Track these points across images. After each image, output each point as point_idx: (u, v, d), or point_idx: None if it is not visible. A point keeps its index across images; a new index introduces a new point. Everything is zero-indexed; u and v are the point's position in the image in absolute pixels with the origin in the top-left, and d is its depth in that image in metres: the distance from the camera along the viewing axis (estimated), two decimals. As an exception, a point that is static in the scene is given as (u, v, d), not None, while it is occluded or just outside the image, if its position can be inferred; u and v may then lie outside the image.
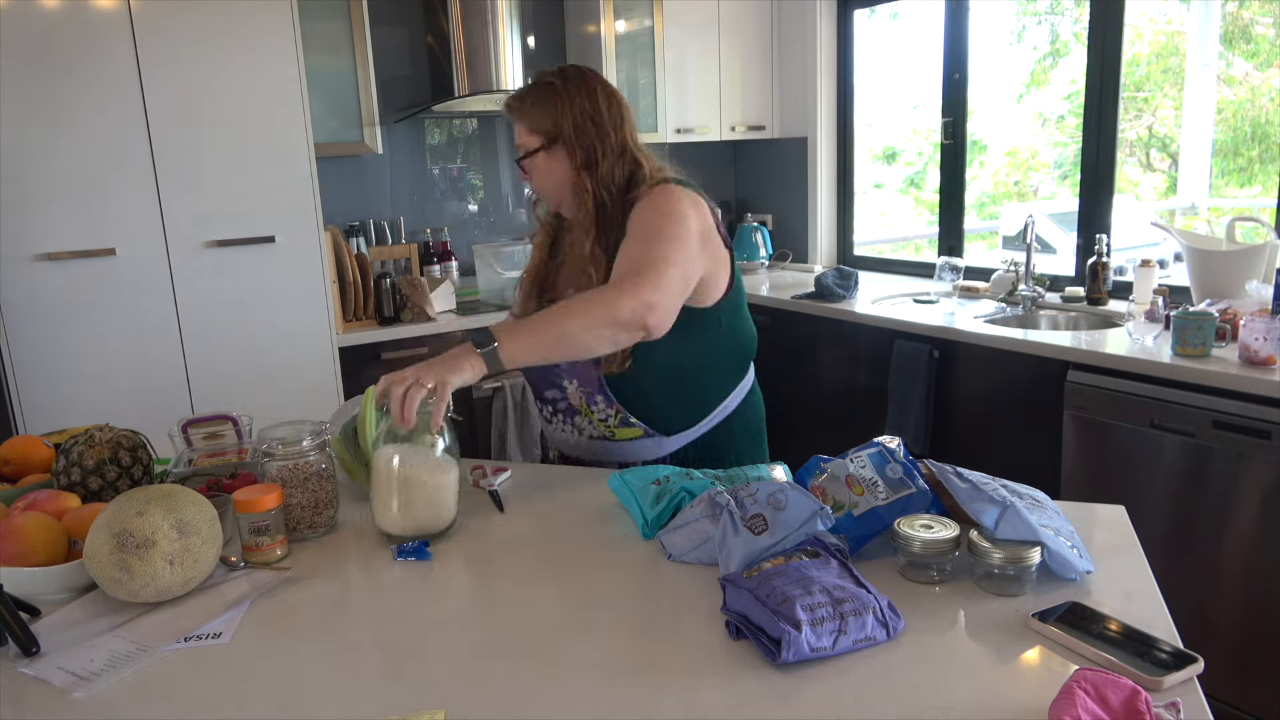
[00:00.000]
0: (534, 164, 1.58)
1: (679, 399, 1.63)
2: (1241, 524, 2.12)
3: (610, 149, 1.56)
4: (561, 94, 1.54)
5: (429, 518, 1.32)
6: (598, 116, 1.55)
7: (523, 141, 1.59)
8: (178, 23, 2.70)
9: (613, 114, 1.57)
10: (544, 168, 1.58)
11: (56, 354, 2.68)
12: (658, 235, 1.47)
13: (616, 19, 3.71)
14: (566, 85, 1.55)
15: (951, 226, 3.61)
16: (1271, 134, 3.46)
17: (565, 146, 1.55)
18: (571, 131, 1.54)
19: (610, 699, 0.92)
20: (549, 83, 1.56)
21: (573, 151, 1.55)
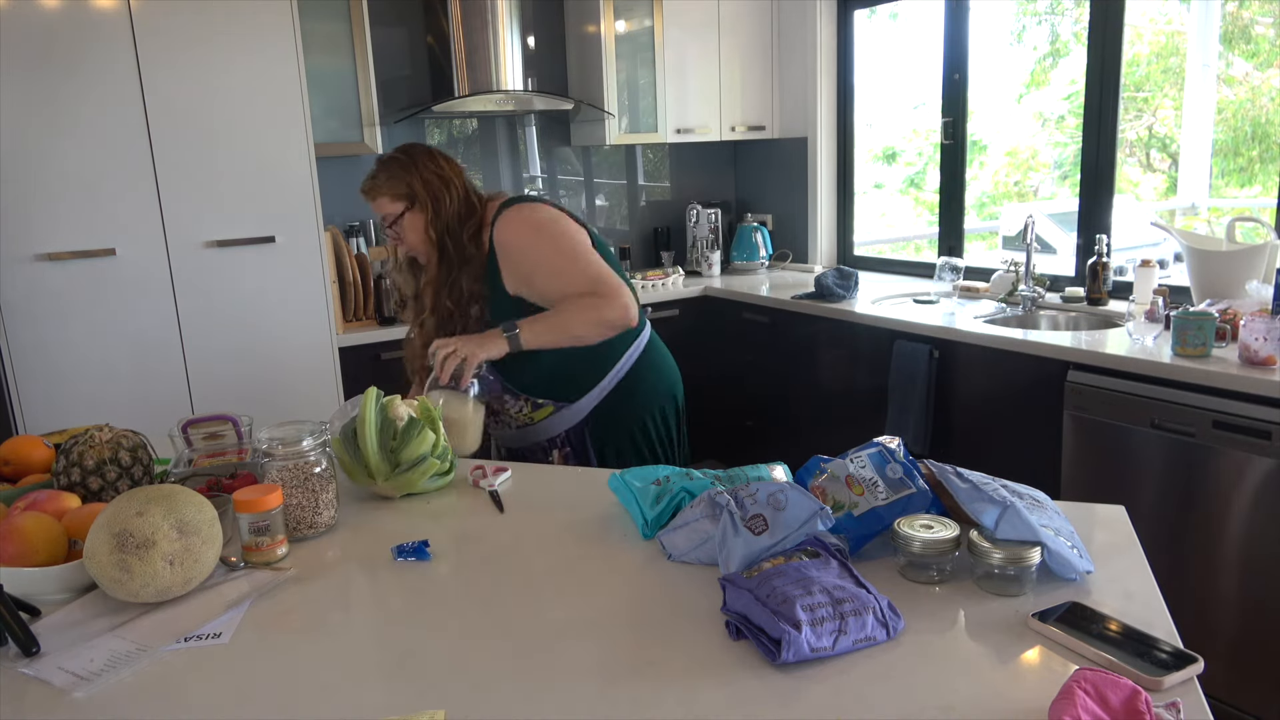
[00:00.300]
0: (403, 224, 1.90)
1: (571, 372, 1.91)
2: (1241, 524, 2.12)
3: (453, 194, 1.88)
4: (408, 163, 1.88)
5: (457, 444, 1.70)
6: (440, 171, 1.89)
7: (386, 210, 1.90)
8: (178, 23, 2.70)
9: (451, 166, 1.91)
10: (410, 227, 1.90)
11: (56, 354, 2.68)
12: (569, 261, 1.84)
13: (616, 19, 3.71)
14: (410, 155, 1.90)
15: (951, 226, 3.61)
16: (1271, 134, 3.46)
17: (419, 204, 1.88)
18: (421, 189, 1.87)
19: (610, 699, 0.92)
20: (394, 158, 1.90)
21: (424, 206, 1.87)
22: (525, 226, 1.86)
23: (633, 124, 3.83)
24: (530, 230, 1.86)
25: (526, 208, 1.89)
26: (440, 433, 1.53)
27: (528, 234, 1.86)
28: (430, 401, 1.62)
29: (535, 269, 1.86)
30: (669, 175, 4.35)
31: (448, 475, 1.56)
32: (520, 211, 1.88)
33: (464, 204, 1.89)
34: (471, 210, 1.90)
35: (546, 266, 1.85)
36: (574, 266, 1.84)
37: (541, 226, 1.86)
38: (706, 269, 4.10)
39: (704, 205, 4.23)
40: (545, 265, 1.85)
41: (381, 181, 1.88)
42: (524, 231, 1.86)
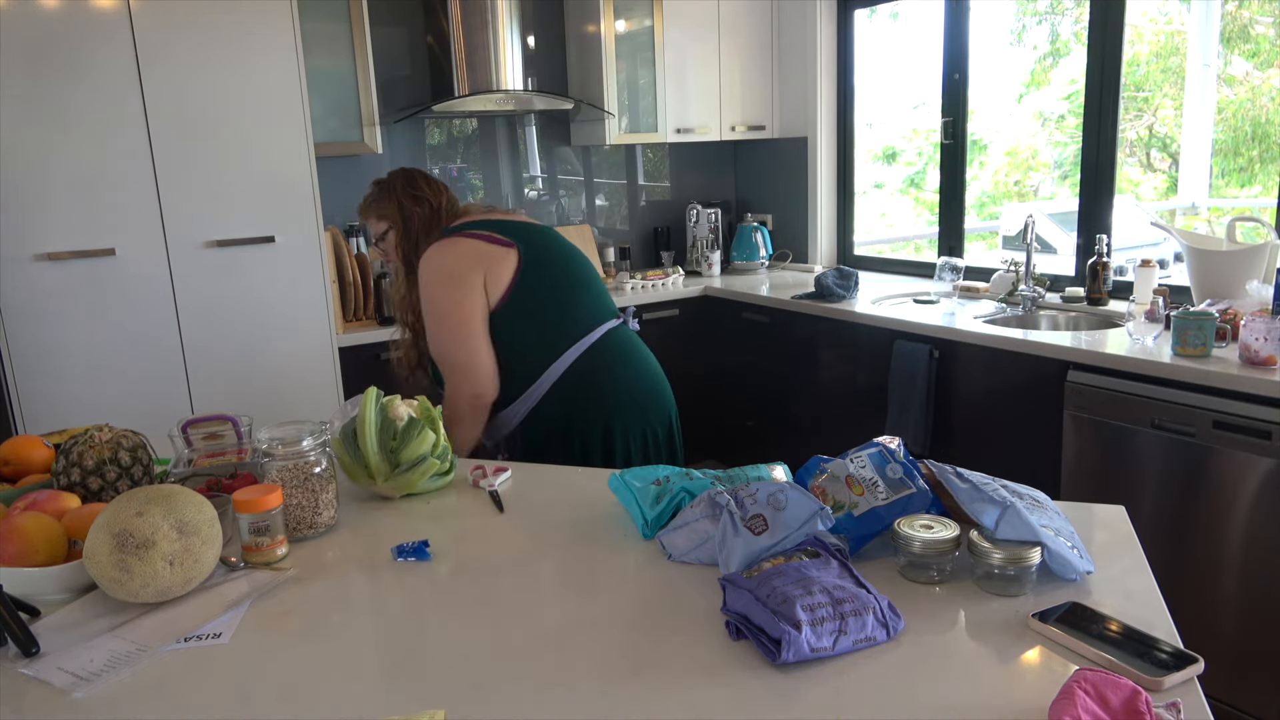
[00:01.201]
0: (387, 244, 2.05)
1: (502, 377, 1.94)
2: (1241, 524, 2.12)
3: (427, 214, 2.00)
4: (389, 185, 2.03)
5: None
6: (416, 191, 2.01)
7: (376, 230, 2.06)
8: (178, 23, 2.70)
9: (429, 186, 2.03)
10: (393, 245, 2.05)
11: (56, 354, 2.68)
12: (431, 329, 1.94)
13: (616, 19, 3.71)
14: (392, 178, 2.04)
15: (951, 226, 3.61)
16: (1271, 134, 3.46)
17: (395, 223, 2.02)
18: (396, 211, 2.01)
19: (610, 699, 0.92)
20: (379, 181, 2.06)
21: (398, 224, 2.01)
22: (426, 269, 1.93)
23: (633, 124, 3.83)
24: (426, 275, 1.93)
25: (444, 247, 1.94)
26: (440, 433, 1.54)
27: (424, 277, 1.94)
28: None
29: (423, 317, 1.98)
30: (669, 175, 4.35)
31: (448, 475, 1.56)
32: (435, 251, 1.94)
33: (431, 223, 2.00)
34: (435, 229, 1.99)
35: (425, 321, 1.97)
36: (434, 336, 1.94)
37: (429, 282, 1.92)
38: (706, 269, 4.10)
39: (704, 205, 4.23)
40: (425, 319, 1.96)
41: (368, 204, 2.05)
42: (423, 273, 1.94)
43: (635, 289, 3.73)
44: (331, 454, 1.42)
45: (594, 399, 1.93)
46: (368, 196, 2.05)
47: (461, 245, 1.93)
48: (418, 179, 2.02)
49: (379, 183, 2.05)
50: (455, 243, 1.94)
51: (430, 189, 2.02)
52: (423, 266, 1.93)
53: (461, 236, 1.94)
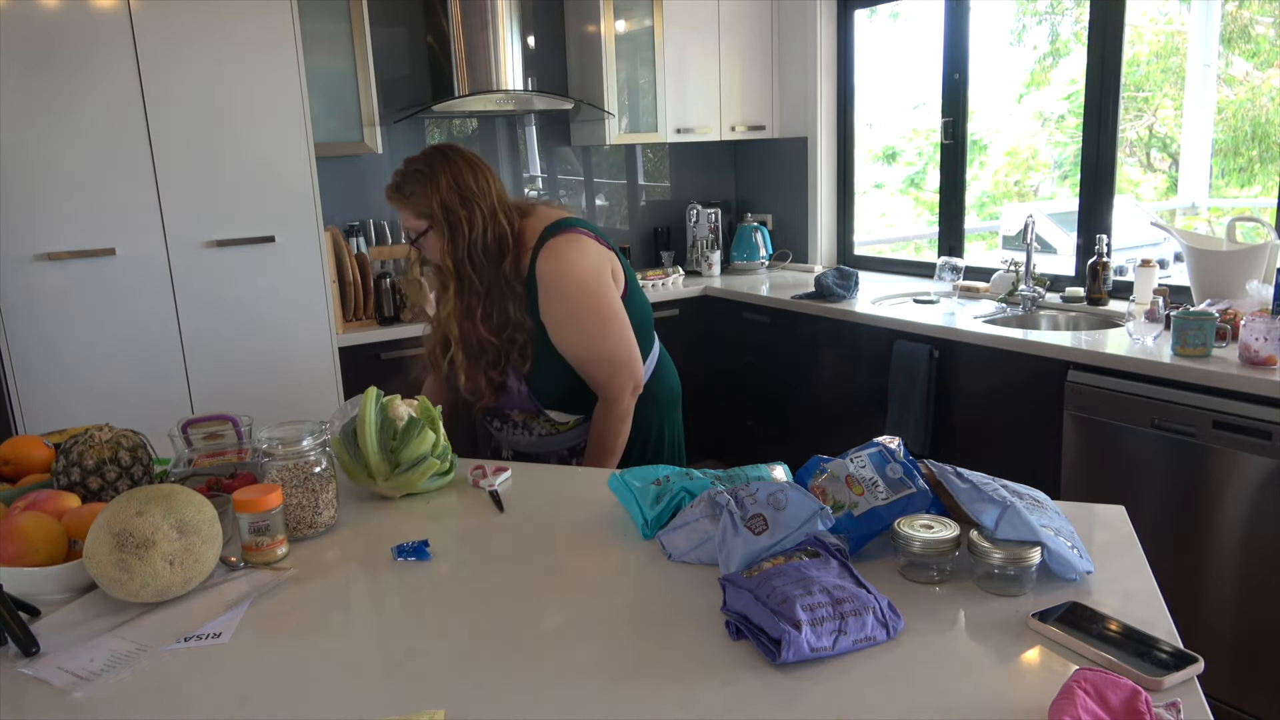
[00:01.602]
0: (425, 242, 1.79)
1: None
2: (1241, 524, 2.12)
3: (477, 219, 1.73)
4: (430, 178, 1.73)
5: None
6: (464, 191, 1.72)
7: (411, 225, 1.78)
8: (178, 23, 2.70)
9: (480, 182, 1.75)
10: (431, 244, 1.78)
11: (56, 354, 2.68)
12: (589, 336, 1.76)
13: (616, 19, 3.71)
14: (433, 168, 1.74)
15: (951, 226, 3.61)
16: (1271, 134, 3.46)
17: (437, 225, 1.74)
18: (441, 212, 1.72)
19: (610, 699, 0.92)
20: (418, 170, 1.75)
21: (441, 229, 1.74)
22: (563, 270, 1.73)
23: (633, 124, 3.83)
24: (566, 275, 1.74)
25: (574, 244, 1.74)
26: (441, 432, 1.54)
27: (562, 279, 1.74)
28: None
29: (565, 322, 1.76)
30: (669, 175, 4.35)
31: (448, 475, 1.56)
32: (568, 249, 1.74)
33: (491, 229, 1.73)
34: (501, 238, 1.75)
35: (576, 326, 1.76)
36: (602, 337, 1.76)
37: (585, 281, 1.74)
38: (706, 269, 4.10)
39: (704, 205, 4.23)
40: (575, 324, 1.76)
41: (404, 196, 1.76)
42: (558, 275, 1.74)
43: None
44: (331, 454, 1.42)
45: (661, 404, 1.95)
46: (402, 184, 1.76)
47: (589, 243, 1.77)
48: (464, 173, 1.73)
49: (415, 173, 1.75)
50: (584, 245, 1.76)
51: (479, 185, 1.73)
52: (565, 264, 1.73)
53: (580, 233, 1.77)
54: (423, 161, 1.76)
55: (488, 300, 1.76)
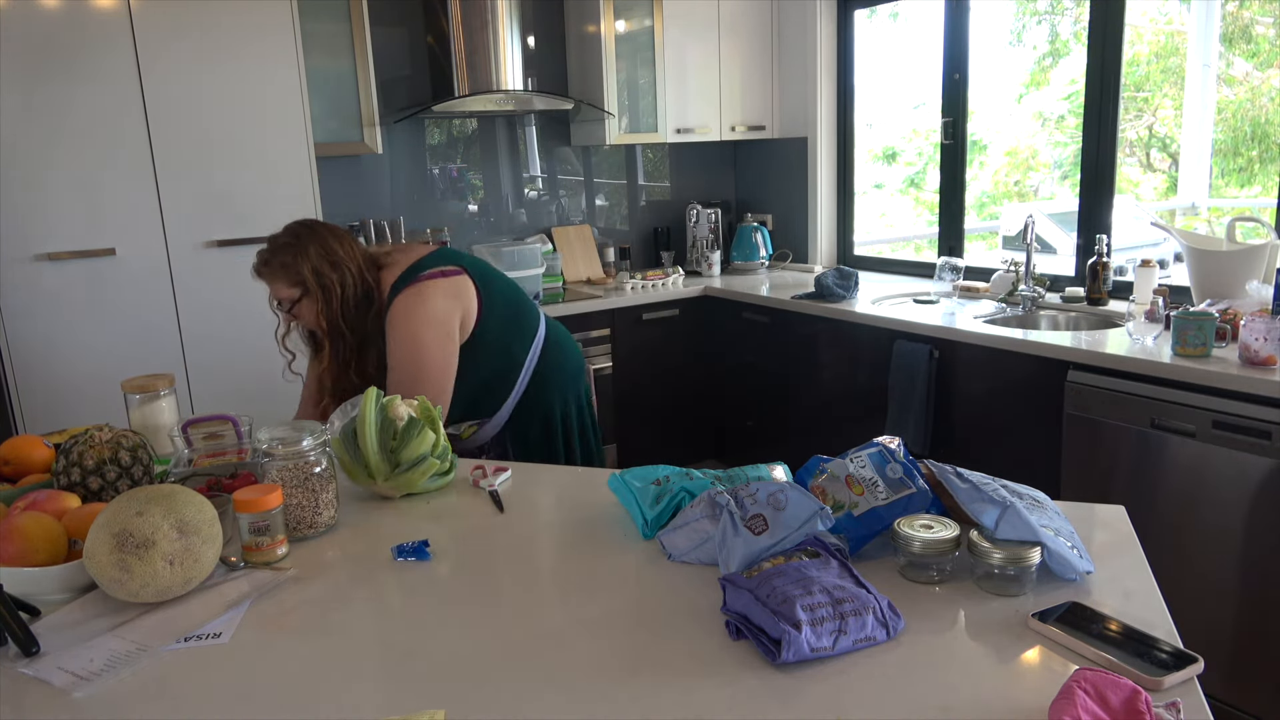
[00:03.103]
0: (300, 309, 1.87)
1: (487, 389, 1.99)
2: (1241, 524, 2.12)
3: (348, 280, 1.84)
4: (298, 250, 1.82)
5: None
6: (333, 257, 1.83)
7: (282, 294, 1.86)
8: (178, 23, 2.70)
9: (345, 247, 1.86)
10: (306, 310, 1.86)
11: (56, 354, 2.68)
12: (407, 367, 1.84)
13: (616, 19, 3.71)
14: (299, 239, 1.84)
15: (951, 226, 3.61)
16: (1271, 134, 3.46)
17: (311, 291, 1.83)
18: (313, 279, 1.82)
19: (610, 699, 0.92)
20: (285, 243, 1.84)
21: (315, 295, 1.83)
22: (401, 321, 1.85)
23: (633, 124, 3.83)
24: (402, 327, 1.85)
25: (415, 298, 1.85)
26: (441, 432, 1.54)
27: (399, 330, 1.85)
28: None
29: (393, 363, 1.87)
30: (669, 175, 4.35)
31: (448, 475, 1.56)
32: (408, 303, 1.85)
33: (359, 286, 1.85)
34: (368, 292, 1.87)
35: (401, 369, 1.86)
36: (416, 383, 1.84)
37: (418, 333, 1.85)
38: (706, 269, 4.10)
39: (704, 205, 4.23)
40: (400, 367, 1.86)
41: (275, 269, 1.84)
42: (396, 326, 1.86)
43: (635, 289, 3.73)
44: (331, 454, 1.42)
45: (557, 382, 2.07)
46: (271, 259, 1.84)
47: (434, 289, 1.87)
48: (329, 241, 1.84)
49: (283, 245, 1.84)
50: (428, 288, 1.86)
51: (346, 249, 1.85)
52: (403, 316, 1.85)
53: (425, 281, 1.87)
54: (287, 235, 1.86)
55: (360, 350, 1.88)
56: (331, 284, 1.82)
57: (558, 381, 2.08)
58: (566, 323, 3.39)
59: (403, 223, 3.63)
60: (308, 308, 1.85)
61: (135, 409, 1.80)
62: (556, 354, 2.09)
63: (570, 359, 2.14)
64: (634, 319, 3.68)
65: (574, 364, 2.14)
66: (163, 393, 1.82)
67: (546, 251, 3.80)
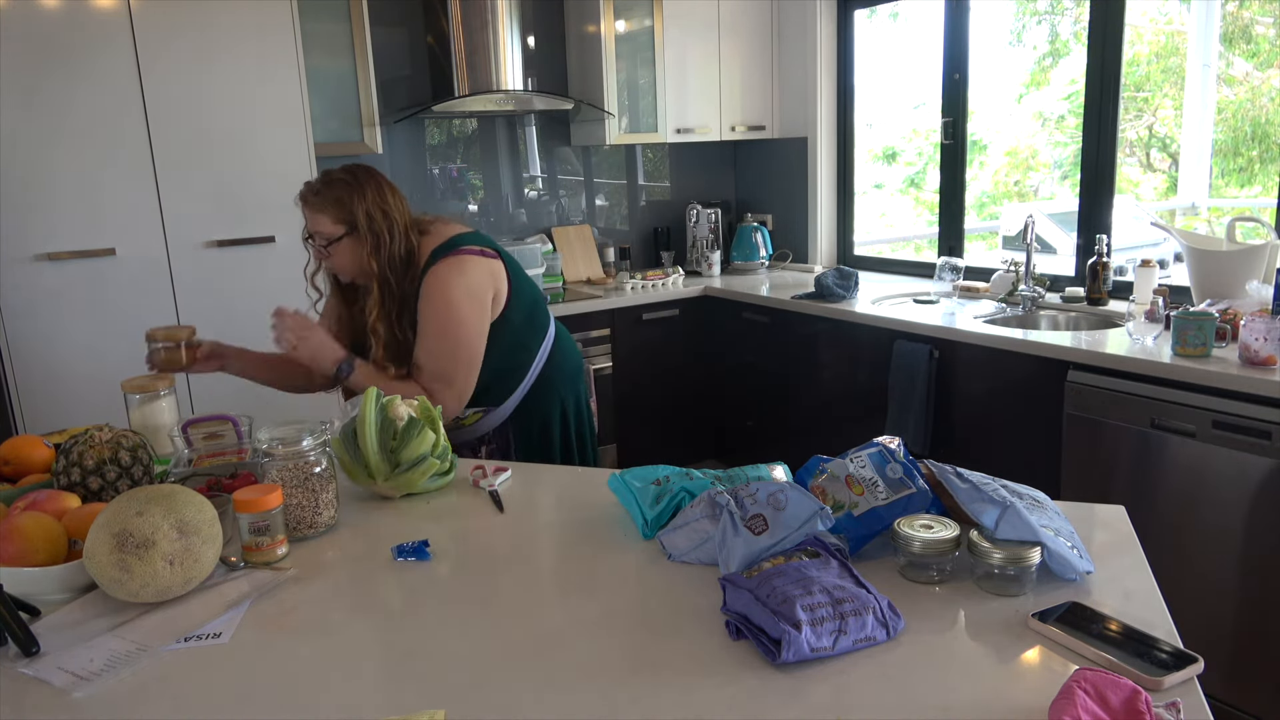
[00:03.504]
0: (337, 248, 1.85)
1: (499, 379, 1.97)
2: (1241, 524, 2.12)
3: (395, 234, 1.84)
4: (355, 189, 1.81)
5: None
6: (385, 206, 1.84)
7: (325, 230, 1.83)
8: (178, 22, 2.70)
9: (396, 201, 1.87)
10: (344, 251, 1.85)
11: (56, 354, 2.68)
12: (443, 337, 1.84)
13: (616, 19, 3.71)
14: (358, 179, 1.83)
15: (951, 226, 3.61)
16: (1271, 134, 3.46)
17: (359, 235, 1.82)
18: (365, 222, 1.81)
19: (610, 699, 0.92)
20: (341, 179, 1.83)
21: (364, 239, 1.82)
22: (440, 288, 1.84)
23: (633, 124, 3.83)
24: (440, 294, 1.84)
25: (455, 267, 1.85)
26: (441, 432, 1.54)
27: (436, 296, 1.85)
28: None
29: (423, 331, 1.87)
30: (669, 175, 4.35)
31: (448, 475, 1.56)
32: (449, 271, 1.85)
33: (404, 244, 1.86)
34: (410, 252, 1.88)
35: (430, 338, 1.86)
36: (444, 357, 1.85)
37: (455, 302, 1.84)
38: (706, 269, 4.10)
39: (704, 205, 4.23)
40: (430, 336, 1.85)
41: (326, 200, 1.81)
42: (434, 292, 1.85)
43: (635, 289, 3.73)
44: (331, 454, 1.42)
45: (559, 381, 2.08)
46: (324, 189, 1.82)
47: (476, 264, 1.88)
48: (387, 191, 1.85)
49: (341, 181, 1.82)
50: (468, 260, 1.87)
51: (397, 204, 1.86)
52: (442, 284, 1.84)
53: (465, 253, 1.88)
54: (345, 173, 1.84)
55: (403, 306, 1.88)
56: (382, 230, 1.81)
57: (559, 381, 2.08)
58: (566, 323, 3.39)
59: (403, 223, 3.63)
60: (348, 249, 1.83)
61: (135, 409, 1.80)
62: (559, 354, 2.11)
63: (570, 360, 2.14)
64: (634, 319, 3.68)
65: (573, 365, 2.15)
66: (163, 393, 1.82)
67: (546, 251, 3.80)
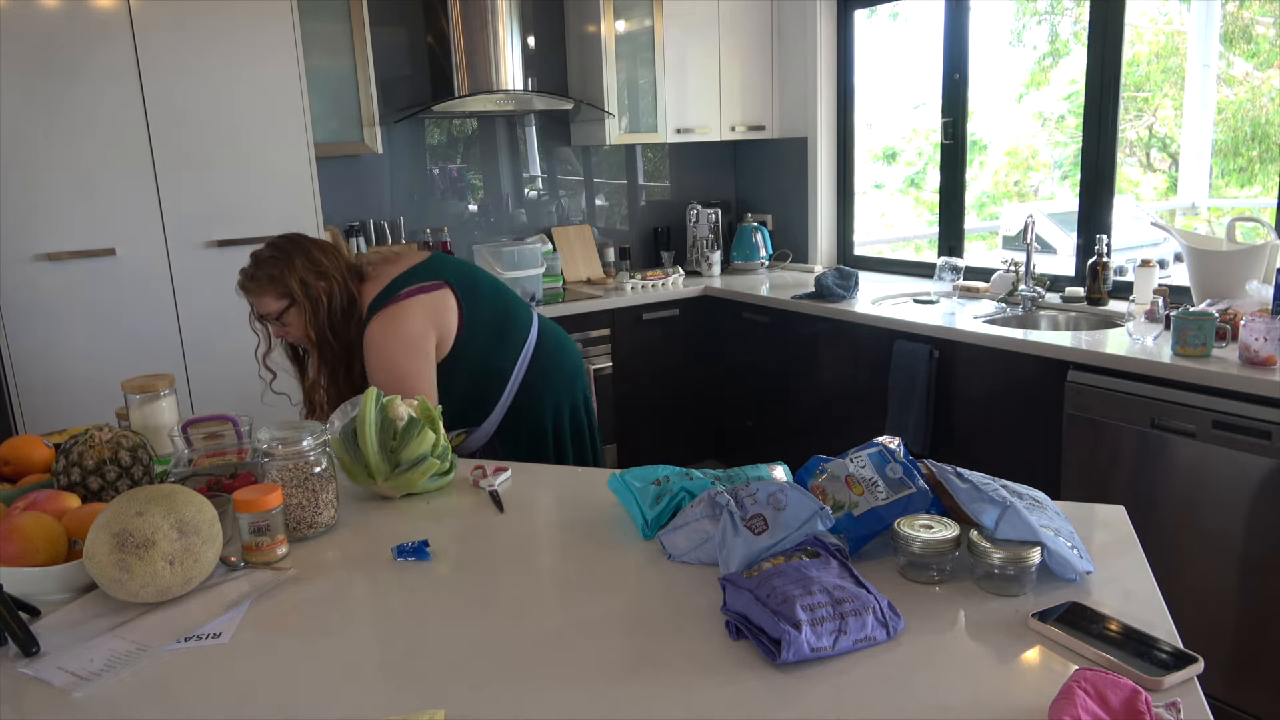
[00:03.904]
0: (288, 319, 1.87)
1: (476, 397, 1.98)
2: (1241, 524, 2.12)
3: (335, 290, 1.86)
4: (284, 263, 1.84)
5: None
6: (319, 268, 1.85)
7: (271, 309, 1.86)
8: (178, 23, 2.70)
9: (329, 257, 1.88)
10: (295, 322, 1.87)
11: (56, 354, 2.68)
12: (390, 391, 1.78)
13: (616, 19, 3.71)
14: (285, 252, 1.85)
15: (951, 226, 3.61)
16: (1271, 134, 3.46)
17: (299, 302, 1.84)
18: (300, 290, 1.83)
19: (610, 699, 0.92)
20: (270, 257, 1.85)
21: (303, 305, 1.84)
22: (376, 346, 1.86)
23: (633, 124, 3.83)
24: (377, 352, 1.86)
25: (391, 320, 1.86)
26: (441, 432, 1.54)
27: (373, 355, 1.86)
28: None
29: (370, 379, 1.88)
30: (669, 175, 4.35)
31: (448, 475, 1.56)
32: (386, 325, 1.86)
33: (344, 298, 1.87)
34: (351, 301, 1.88)
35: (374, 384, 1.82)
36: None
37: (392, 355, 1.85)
38: (706, 269, 4.10)
39: (704, 205, 4.23)
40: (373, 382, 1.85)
41: (262, 282, 1.84)
42: (371, 351, 1.86)
43: (635, 289, 3.73)
44: (331, 454, 1.42)
45: (550, 387, 2.06)
46: (257, 272, 1.85)
47: (410, 310, 1.87)
48: (314, 251, 1.87)
49: (269, 259, 1.85)
50: (403, 309, 1.87)
51: (330, 260, 1.87)
52: (379, 341, 1.86)
53: (402, 300, 1.87)
54: (271, 250, 1.87)
55: (347, 357, 1.90)
56: (319, 293, 1.84)
57: (551, 386, 2.06)
58: (566, 323, 3.39)
59: (403, 223, 3.64)
60: (295, 319, 1.86)
61: (135, 409, 1.80)
62: (550, 358, 2.08)
63: (567, 360, 2.12)
64: (634, 319, 3.68)
65: (571, 366, 2.13)
66: (163, 393, 1.82)
67: (546, 251, 3.80)
